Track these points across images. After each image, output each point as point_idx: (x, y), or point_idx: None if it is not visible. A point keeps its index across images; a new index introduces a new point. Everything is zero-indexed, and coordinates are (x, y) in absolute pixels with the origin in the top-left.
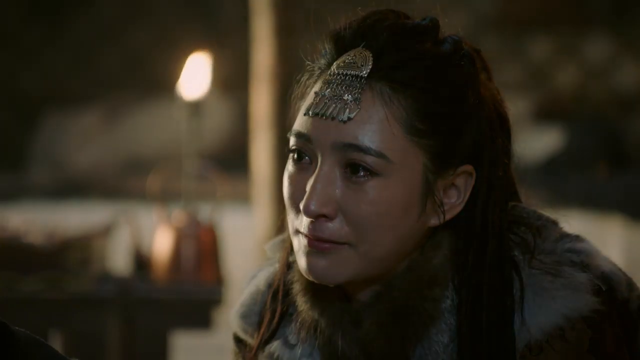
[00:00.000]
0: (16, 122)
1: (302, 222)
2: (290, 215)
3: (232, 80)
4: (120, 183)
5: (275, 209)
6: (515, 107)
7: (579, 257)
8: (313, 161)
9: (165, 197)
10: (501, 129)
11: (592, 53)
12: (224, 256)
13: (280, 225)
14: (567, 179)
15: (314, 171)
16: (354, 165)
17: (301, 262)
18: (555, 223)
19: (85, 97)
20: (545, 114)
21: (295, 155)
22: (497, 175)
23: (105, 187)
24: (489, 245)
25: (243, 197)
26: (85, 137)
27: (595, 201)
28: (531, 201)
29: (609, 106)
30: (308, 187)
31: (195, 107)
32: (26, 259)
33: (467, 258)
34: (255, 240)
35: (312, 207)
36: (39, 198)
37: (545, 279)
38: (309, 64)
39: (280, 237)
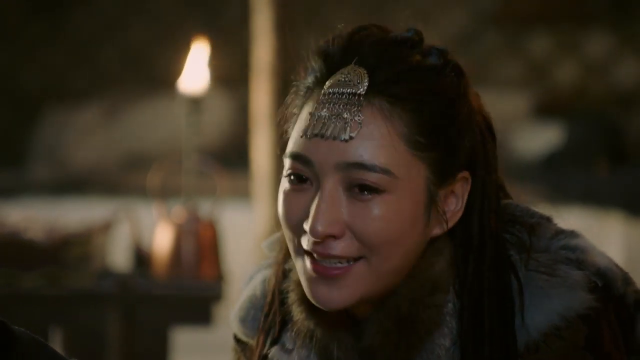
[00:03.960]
0: (16, 118)
1: (308, 241)
2: (289, 236)
3: (232, 76)
4: (121, 179)
5: (275, 205)
6: (515, 103)
7: (574, 253)
8: (314, 182)
9: (165, 193)
10: (488, 133)
11: (592, 49)
12: (224, 252)
13: (277, 223)
14: (567, 175)
15: (314, 192)
16: (360, 185)
17: (306, 287)
18: (549, 219)
19: (85, 93)
20: (545, 110)
21: (293, 178)
22: (490, 180)
23: (106, 183)
24: (487, 250)
25: (243, 193)
26: (85, 133)
27: (595, 197)
28: (524, 197)
29: (609, 102)
30: (312, 209)
31: (195, 103)
32: (26, 255)
33: (467, 264)
34: (255, 236)
35: (319, 228)
36: (39, 194)
37: (540, 278)
38: (294, 84)
39: (277, 234)
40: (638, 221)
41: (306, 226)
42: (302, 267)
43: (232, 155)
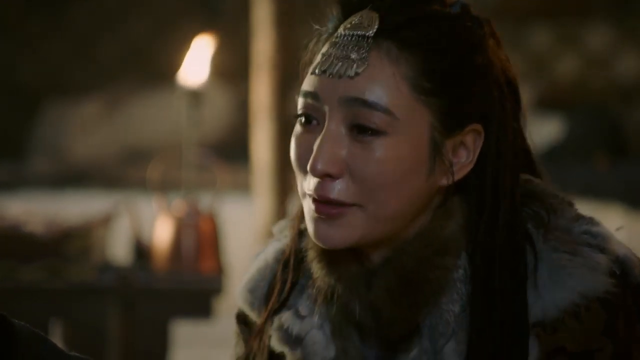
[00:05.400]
0: (16, 112)
1: (310, 184)
2: (299, 178)
3: (232, 69)
4: (121, 172)
5: (275, 198)
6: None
7: (596, 240)
8: (321, 122)
9: (165, 187)
10: (510, 94)
11: (592, 42)
12: (224, 246)
13: (283, 216)
14: (567, 168)
15: (321, 132)
16: (361, 126)
17: (310, 227)
18: (570, 204)
19: (85, 87)
20: (546, 104)
21: (303, 119)
22: (506, 139)
23: (106, 177)
24: (500, 209)
25: (243, 187)
26: (85, 127)
27: (595, 190)
28: (549, 183)
29: (609, 96)
30: (315, 146)
31: (196, 97)
32: (26, 248)
33: (479, 224)
34: (255, 229)
35: (319, 167)
36: (39, 187)
37: (563, 257)
38: (316, 29)
39: (288, 218)
40: (638, 214)
41: (308, 165)
42: (307, 208)
43: (233, 149)
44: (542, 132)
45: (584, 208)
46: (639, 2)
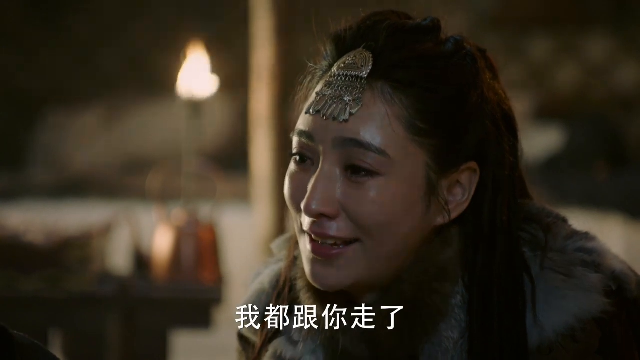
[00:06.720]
0: (16, 121)
1: (305, 221)
2: (294, 216)
3: (232, 79)
4: (120, 182)
5: (275, 208)
6: (516, 107)
7: (591, 256)
8: (315, 162)
9: (165, 196)
10: (507, 128)
11: (592, 52)
12: (223, 255)
13: (282, 226)
14: (567, 178)
15: (315, 171)
16: (355, 166)
17: (306, 267)
18: (564, 220)
19: (85, 96)
20: (546, 113)
21: (298, 158)
22: (503, 174)
23: (105, 186)
24: (497, 244)
25: (243, 196)
26: (85, 136)
27: (595, 200)
28: (540, 199)
29: (609, 105)
30: (309, 187)
31: (195, 106)
32: (26, 258)
33: (476, 257)
34: (255, 239)
35: (313, 207)
36: (38, 197)
37: (557, 279)
38: (311, 66)
39: (287, 235)
40: (637, 224)
41: (302, 204)
42: (303, 246)
43: (232, 159)
44: (542, 141)
45: (584, 218)
46: (639, 11)
